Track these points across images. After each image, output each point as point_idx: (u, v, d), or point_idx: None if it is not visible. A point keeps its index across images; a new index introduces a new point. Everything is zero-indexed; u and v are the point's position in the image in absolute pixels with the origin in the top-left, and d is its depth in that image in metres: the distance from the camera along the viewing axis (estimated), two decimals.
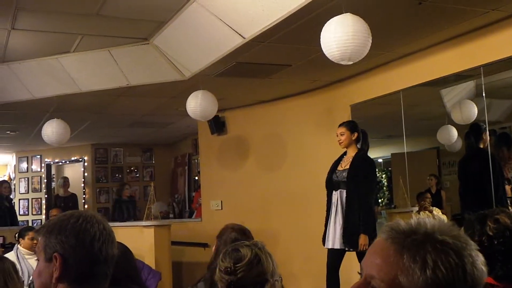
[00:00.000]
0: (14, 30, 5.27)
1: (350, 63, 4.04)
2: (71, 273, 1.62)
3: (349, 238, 5.14)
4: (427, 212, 6.40)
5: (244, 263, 2.34)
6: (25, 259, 5.86)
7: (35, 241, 5.74)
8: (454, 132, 6.19)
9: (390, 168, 7.60)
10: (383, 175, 7.68)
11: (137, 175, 12.18)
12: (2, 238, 7.84)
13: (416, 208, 6.41)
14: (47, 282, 1.64)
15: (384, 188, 7.68)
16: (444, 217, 6.39)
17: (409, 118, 6.05)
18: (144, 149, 12.22)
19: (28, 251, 5.88)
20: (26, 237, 5.96)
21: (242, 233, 3.37)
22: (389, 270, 1.09)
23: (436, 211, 6.45)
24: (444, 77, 5.38)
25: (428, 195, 6.54)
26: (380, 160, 7.72)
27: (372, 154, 5.54)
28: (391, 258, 1.10)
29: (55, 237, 1.64)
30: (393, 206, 7.15)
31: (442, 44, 5.25)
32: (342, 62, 4.00)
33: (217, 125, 8.09)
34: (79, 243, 1.63)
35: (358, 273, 1.19)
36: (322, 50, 4.04)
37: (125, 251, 3.17)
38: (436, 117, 6.72)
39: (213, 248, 3.35)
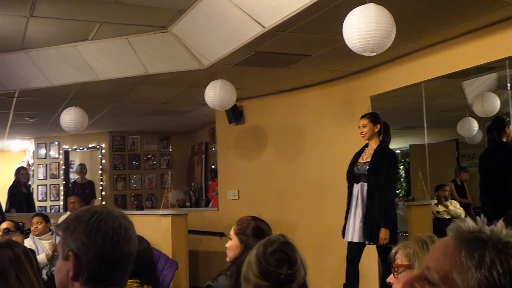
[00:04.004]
0: (33, 17, 5.26)
1: (373, 54, 3.96)
2: (84, 272, 1.57)
3: (370, 232, 5.09)
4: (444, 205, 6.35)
5: (296, 268, 2.26)
6: (39, 241, 6.12)
7: (37, 226, 6.16)
8: (475, 125, 6.13)
9: (407, 160, 7.53)
10: (401, 167, 7.61)
11: (154, 162, 12.20)
12: (22, 223, 7.91)
13: (435, 201, 6.34)
14: (63, 280, 1.60)
15: (402, 179, 7.60)
16: (461, 210, 6.33)
17: (429, 109, 5.98)
18: (161, 137, 12.23)
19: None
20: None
21: (262, 222, 3.29)
22: (444, 263, 1.07)
23: (454, 205, 6.39)
24: (466, 69, 5.29)
25: (447, 187, 6.48)
26: (397, 151, 7.64)
27: (391, 145, 5.47)
28: (449, 251, 1.07)
29: (70, 234, 1.59)
30: (411, 198, 7.08)
31: (465, 35, 5.15)
32: (365, 54, 3.93)
33: (235, 114, 8.05)
34: (91, 241, 1.56)
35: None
36: (342, 40, 3.97)
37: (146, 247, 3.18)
38: (457, 109, 6.64)
39: (233, 242, 3.19)
